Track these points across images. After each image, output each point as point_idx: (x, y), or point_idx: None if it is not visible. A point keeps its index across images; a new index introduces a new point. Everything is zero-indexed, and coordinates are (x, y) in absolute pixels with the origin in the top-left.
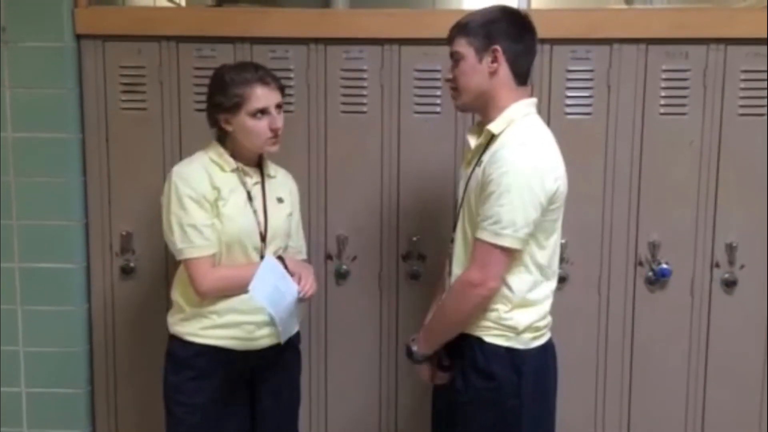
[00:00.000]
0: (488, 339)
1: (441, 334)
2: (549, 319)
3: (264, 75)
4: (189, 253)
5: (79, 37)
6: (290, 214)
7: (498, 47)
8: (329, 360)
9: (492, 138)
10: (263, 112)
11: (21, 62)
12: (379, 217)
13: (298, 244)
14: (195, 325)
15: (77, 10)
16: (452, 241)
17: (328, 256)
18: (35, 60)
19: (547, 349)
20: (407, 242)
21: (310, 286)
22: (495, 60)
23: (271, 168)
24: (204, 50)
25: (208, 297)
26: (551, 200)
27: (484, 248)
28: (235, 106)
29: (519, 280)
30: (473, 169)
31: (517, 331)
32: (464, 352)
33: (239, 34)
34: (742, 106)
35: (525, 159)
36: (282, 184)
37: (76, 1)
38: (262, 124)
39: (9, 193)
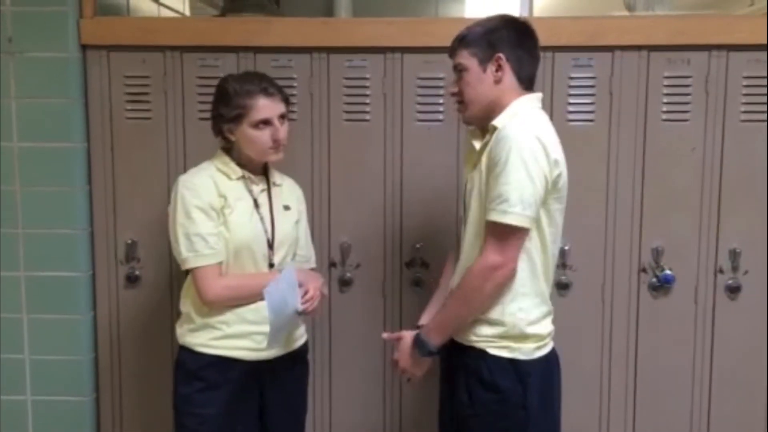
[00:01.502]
0: (492, 351)
1: (456, 321)
2: (552, 327)
3: (268, 86)
4: (194, 262)
5: (84, 48)
6: (297, 222)
7: (501, 55)
8: (333, 367)
9: (494, 132)
10: (266, 123)
11: (27, 72)
12: (382, 225)
13: (307, 253)
14: (205, 335)
15: (82, 21)
16: (458, 243)
17: (332, 264)
18: (41, 70)
19: (550, 359)
20: (410, 249)
21: (310, 303)
22: (499, 68)
23: (277, 176)
24: (208, 60)
25: (214, 306)
26: (555, 182)
27: (495, 230)
28: (238, 117)
29: (520, 268)
30: (478, 166)
31: (521, 342)
32: (468, 365)
33: (243, 44)
34: (744, 113)
35: (526, 134)
36: (289, 192)
37: (82, 12)
38: (264, 135)
39: (14, 202)
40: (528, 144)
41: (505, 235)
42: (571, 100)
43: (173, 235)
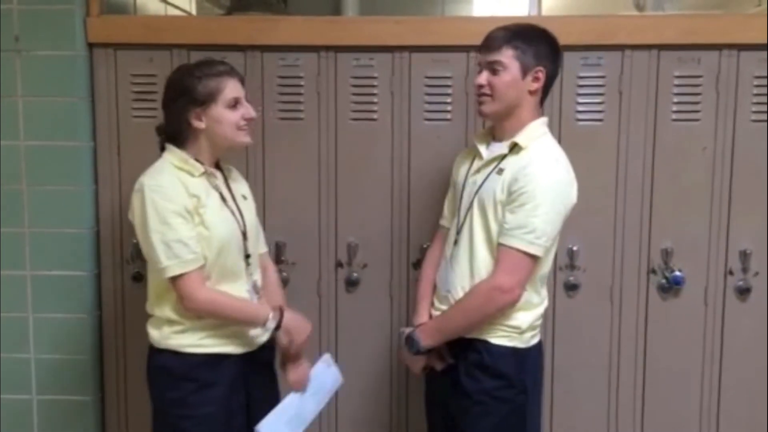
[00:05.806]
0: (494, 340)
1: (453, 332)
2: (541, 318)
3: (232, 68)
4: (178, 269)
5: (91, 46)
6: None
7: (542, 69)
8: (339, 367)
9: (514, 148)
10: (237, 102)
11: (34, 71)
12: (389, 225)
13: (262, 240)
14: (195, 336)
15: (89, 19)
16: (455, 243)
17: (339, 264)
18: (48, 69)
19: (539, 347)
20: (417, 250)
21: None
22: (537, 80)
23: (227, 167)
24: (214, 58)
25: (198, 314)
26: (567, 215)
27: (514, 255)
28: (210, 98)
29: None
30: (488, 175)
31: (520, 331)
32: (467, 354)
33: (249, 43)
34: (754, 112)
35: (559, 175)
36: (240, 182)
37: (88, 10)
38: (236, 115)
39: (21, 201)
40: (559, 188)
41: (522, 262)
42: (581, 100)
43: (147, 245)
